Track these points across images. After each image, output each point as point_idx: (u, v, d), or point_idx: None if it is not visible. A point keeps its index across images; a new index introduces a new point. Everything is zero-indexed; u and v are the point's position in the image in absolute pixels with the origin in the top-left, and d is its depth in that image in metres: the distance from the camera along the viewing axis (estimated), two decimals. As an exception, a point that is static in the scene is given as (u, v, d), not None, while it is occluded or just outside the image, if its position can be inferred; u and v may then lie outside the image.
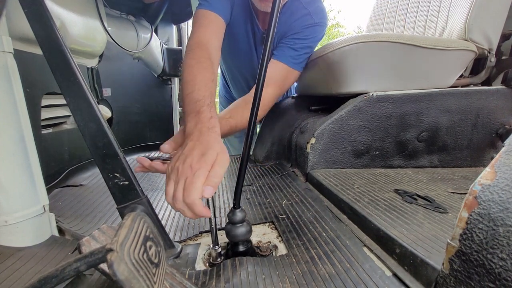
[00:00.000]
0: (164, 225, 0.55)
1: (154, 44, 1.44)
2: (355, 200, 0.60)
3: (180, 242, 0.56)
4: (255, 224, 0.62)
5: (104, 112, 1.24)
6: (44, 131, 0.84)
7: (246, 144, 0.48)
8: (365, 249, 0.49)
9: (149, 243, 0.29)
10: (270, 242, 0.56)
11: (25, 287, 0.25)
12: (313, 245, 0.51)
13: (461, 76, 0.95)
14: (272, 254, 0.52)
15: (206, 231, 0.61)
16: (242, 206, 0.50)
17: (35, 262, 0.48)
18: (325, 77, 0.94)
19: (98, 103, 0.86)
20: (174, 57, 1.55)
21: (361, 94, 0.86)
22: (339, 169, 0.86)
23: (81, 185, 0.91)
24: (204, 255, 0.52)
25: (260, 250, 0.53)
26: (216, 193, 0.81)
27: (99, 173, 0.52)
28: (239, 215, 0.48)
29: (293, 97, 1.29)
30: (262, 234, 0.59)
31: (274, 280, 0.42)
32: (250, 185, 0.88)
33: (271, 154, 1.14)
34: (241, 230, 0.48)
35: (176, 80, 1.68)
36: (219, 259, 0.49)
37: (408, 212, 0.54)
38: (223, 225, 0.52)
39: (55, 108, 0.90)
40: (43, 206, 0.55)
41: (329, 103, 1.06)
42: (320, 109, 1.11)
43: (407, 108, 0.86)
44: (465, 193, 0.33)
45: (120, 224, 0.28)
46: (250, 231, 0.50)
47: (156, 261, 0.29)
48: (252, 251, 0.51)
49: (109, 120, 1.30)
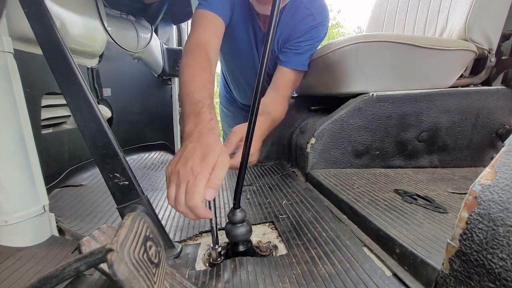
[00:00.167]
0: (164, 225, 0.55)
1: (154, 44, 1.44)
2: (355, 200, 0.60)
3: (180, 242, 0.56)
4: (255, 224, 0.62)
5: (104, 112, 1.24)
6: (44, 131, 0.84)
7: (246, 144, 0.48)
8: (365, 249, 0.49)
9: (149, 243, 0.29)
10: (270, 242, 0.56)
11: (25, 287, 0.25)
12: (313, 245, 0.51)
13: (461, 76, 0.95)
14: (272, 254, 0.52)
15: (206, 231, 0.61)
16: (242, 206, 0.50)
17: (35, 262, 0.48)
18: (325, 77, 0.94)
19: (98, 103, 0.86)
20: (174, 57, 1.55)
21: (361, 94, 0.86)
22: (339, 169, 0.86)
23: (81, 185, 0.91)
24: (204, 255, 0.52)
25: (260, 250, 0.53)
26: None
27: (99, 173, 0.52)
28: (239, 215, 0.48)
29: (293, 97, 1.29)
30: (262, 234, 0.59)
31: (274, 280, 0.42)
32: (250, 185, 0.88)
33: (271, 154, 1.14)
34: (241, 230, 0.48)
35: (176, 80, 1.68)
36: (219, 259, 0.49)
37: (408, 212, 0.54)
38: (223, 225, 0.52)
39: (55, 108, 0.90)
40: (43, 206, 0.55)
41: (329, 103, 1.06)
42: (320, 109, 1.11)
43: (407, 108, 0.86)
44: (465, 193, 0.33)
45: (120, 224, 0.28)
46: (250, 231, 0.50)
47: (156, 261, 0.29)
48: (252, 251, 0.51)
49: (109, 120, 1.30)
